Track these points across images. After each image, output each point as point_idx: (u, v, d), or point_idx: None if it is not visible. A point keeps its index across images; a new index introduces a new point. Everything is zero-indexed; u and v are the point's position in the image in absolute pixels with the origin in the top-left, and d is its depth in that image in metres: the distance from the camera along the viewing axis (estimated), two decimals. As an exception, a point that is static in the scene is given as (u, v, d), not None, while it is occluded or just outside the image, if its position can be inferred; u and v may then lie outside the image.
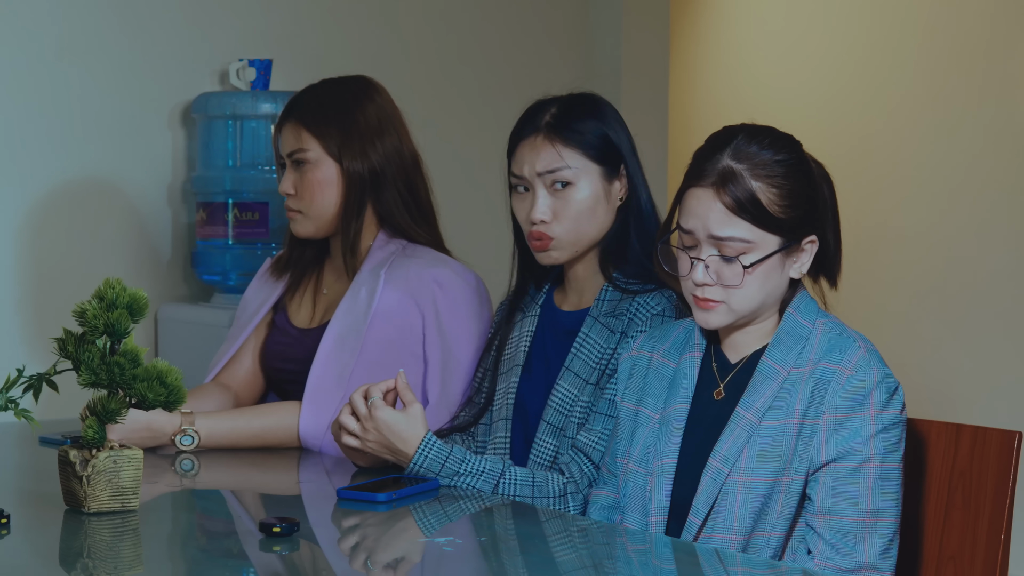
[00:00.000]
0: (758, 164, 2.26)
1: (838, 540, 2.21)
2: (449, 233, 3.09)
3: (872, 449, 2.21)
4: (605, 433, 2.54)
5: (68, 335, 2.22)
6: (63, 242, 3.76)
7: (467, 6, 4.40)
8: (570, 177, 2.63)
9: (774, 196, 2.25)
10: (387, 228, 2.98)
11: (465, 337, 2.88)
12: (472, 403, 2.80)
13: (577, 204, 2.63)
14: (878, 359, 2.25)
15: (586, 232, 2.65)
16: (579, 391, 2.61)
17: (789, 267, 2.29)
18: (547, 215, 2.63)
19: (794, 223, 2.27)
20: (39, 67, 3.72)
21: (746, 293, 2.27)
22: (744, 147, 2.27)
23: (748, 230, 2.25)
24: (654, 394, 2.39)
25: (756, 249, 2.25)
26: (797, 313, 2.30)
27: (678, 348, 2.40)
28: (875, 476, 2.21)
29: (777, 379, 2.26)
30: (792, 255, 2.29)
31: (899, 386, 2.25)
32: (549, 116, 2.66)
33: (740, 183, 2.24)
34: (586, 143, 2.63)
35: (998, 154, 4.92)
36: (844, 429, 2.21)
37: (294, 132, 2.97)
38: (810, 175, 2.30)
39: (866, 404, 2.21)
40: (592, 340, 2.62)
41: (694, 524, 2.26)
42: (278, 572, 2.06)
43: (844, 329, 2.29)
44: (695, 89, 6.18)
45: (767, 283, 2.28)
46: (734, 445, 2.25)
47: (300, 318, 3.04)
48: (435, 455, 2.49)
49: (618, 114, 2.72)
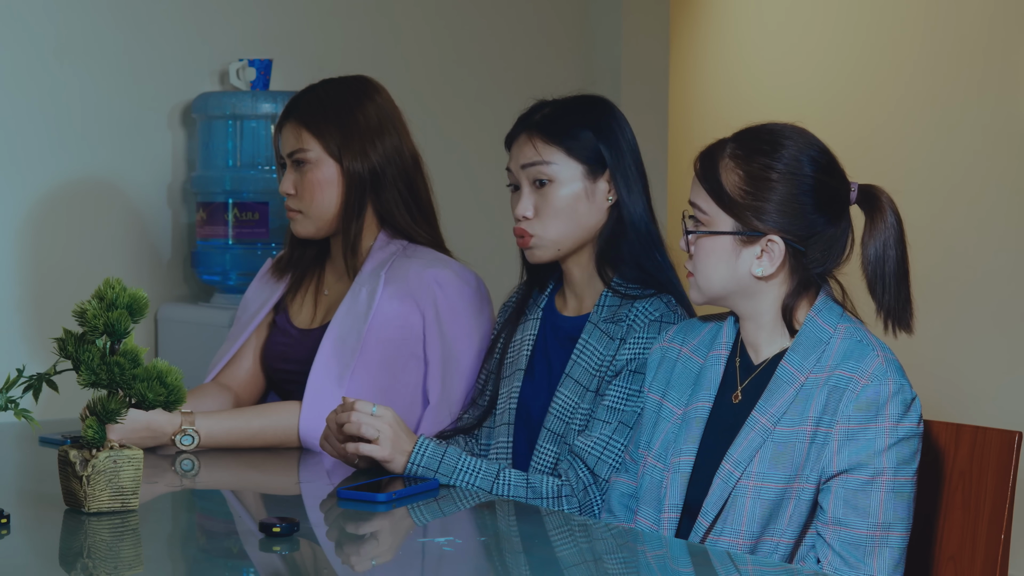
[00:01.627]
0: (745, 147, 2.28)
1: (848, 552, 2.19)
2: (449, 233, 3.09)
3: (885, 462, 2.19)
4: (602, 438, 2.54)
5: (68, 335, 2.21)
6: (63, 242, 3.76)
7: (467, 6, 4.39)
8: (550, 173, 2.63)
9: (737, 178, 2.27)
10: (388, 228, 2.98)
11: (465, 337, 2.88)
12: (476, 405, 2.80)
13: (557, 201, 2.63)
14: (896, 369, 2.22)
15: (568, 231, 2.64)
16: (579, 398, 2.60)
17: (750, 261, 2.28)
18: (529, 211, 2.64)
19: (750, 212, 2.26)
20: (39, 67, 3.71)
21: (703, 270, 2.30)
22: (758, 132, 2.30)
23: (706, 202, 2.29)
24: (679, 388, 2.38)
25: (711, 224, 2.28)
26: (819, 317, 2.28)
27: (706, 344, 2.40)
28: (888, 489, 2.19)
29: (794, 384, 2.25)
30: (750, 247, 2.28)
31: (916, 398, 2.22)
32: (540, 115, 2.67)
33: (716, 157, 2.29)
34: (568, 141, 2.63)
35: (997, 152, 4.92)
36: (857, 440, 2.19)
37: (294, 132, 2.97)
38: (803, 184, 2.26)
39: (881, 416, 2.19)
40: (592, 347, 2.62)
41: (702, 526, 2.26)
42: (278, 572, 2.06)
43: (865, 336, 2.26)
44: (695, 89, 6.18)
45: (720, 265, 2.29)
46: (747, 449, 2.25)
47: (301, 318, 3.04)
48: (430, 456, 2.50)
49: (619, 118, 2.69)
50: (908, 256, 2.30)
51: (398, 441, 2.51)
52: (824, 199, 2.28)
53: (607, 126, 2.66)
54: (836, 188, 2.30)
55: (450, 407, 2.85)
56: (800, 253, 2.28)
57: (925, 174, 5.11)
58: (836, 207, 2.30)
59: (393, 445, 2.51)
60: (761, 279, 2.29)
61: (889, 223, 2.29)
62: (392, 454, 2.51)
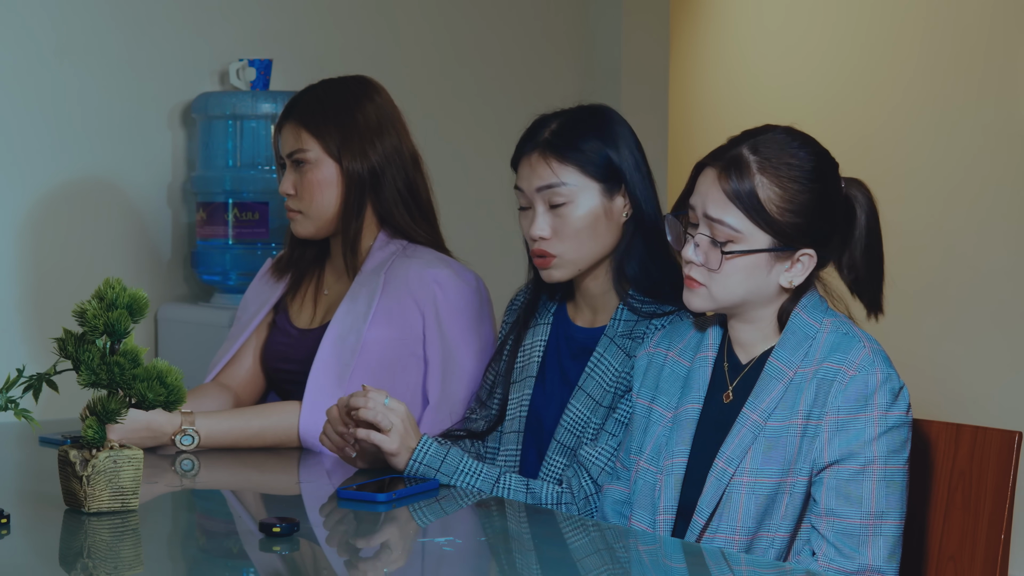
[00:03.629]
0: (773, 161, 2.25)
1: (842, 542, 2.20)
2: (449, 233, 3.09)
3: (876, 451, 2.20)
4: (607, 449, 2.53)
5: (68, 335, 2.21)
6: (63, 242, 3.76)
7: (466, 6, 4.39)
8: (567, 195, 2.57)
9: (775, 195, 2.24)
10: (387, 228, 2.98)
11: (465, 337, 2.88)
12: (484, 406, 2.77)
13: (575, 222, 2.58)
14: (883, 359, 2.23)
15: (588, 250, 2.60)
16: (591, 412, 2.59)
17: (779, 273, 2.28)
18: (546, 232, 2.59)
19: (790, 229, 2.25)
20: (39, 67, 3.71)
21: (726, 283, 2.27)
22: (770, 143, 2.27)
23: (739, 219, 2.25)
24: (667, 392, 2.38)
25: (743, 241, 2.26)
26: (804, 312, 2.29)
27: (692, 347, 2.40)
28: (879, 478, 2.20)
29: (783, 379, 2.26)
30: (783, 261, 2.28)
31: (904, 387, 2.23)
32: (548, 132, 2.60)
33: (746, 172, 2.25)
34: (584, 160, 2.58)
35: (997, 153, 4.92)
36: (847, 430, 2.20)
37: (294, 132, 2.97)
38: (827, 194, 2.27)
39: (869, 405, 2.20)
40: (607, 362, 2.59)
41: (698, 524, 2.26)
42: (278, 572, 2.07)
43: (851, 328, 2.28)
44: (695, 89, 6.18)
45: (749, 280, 2.27)
46: (739, 446, 2.25)
47: (301, 319, 3.04)
48: (431, 457, 2.50)
49: (626, 127, 2.65)
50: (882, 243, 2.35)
51: (406, 436, 2.51)
52: (843, 207, 2.30)
53: (616, 137, 2.61)
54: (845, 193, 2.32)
55: (450, 407, 2.84)
56: (825, 261, 2.29)
57: (925, 174, 5.11)
58: (848, 209, 2.31)
59: (401, 440, 2.51)
60: (787, 288, 2.29)
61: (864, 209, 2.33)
62: (399, 448, 2.51)
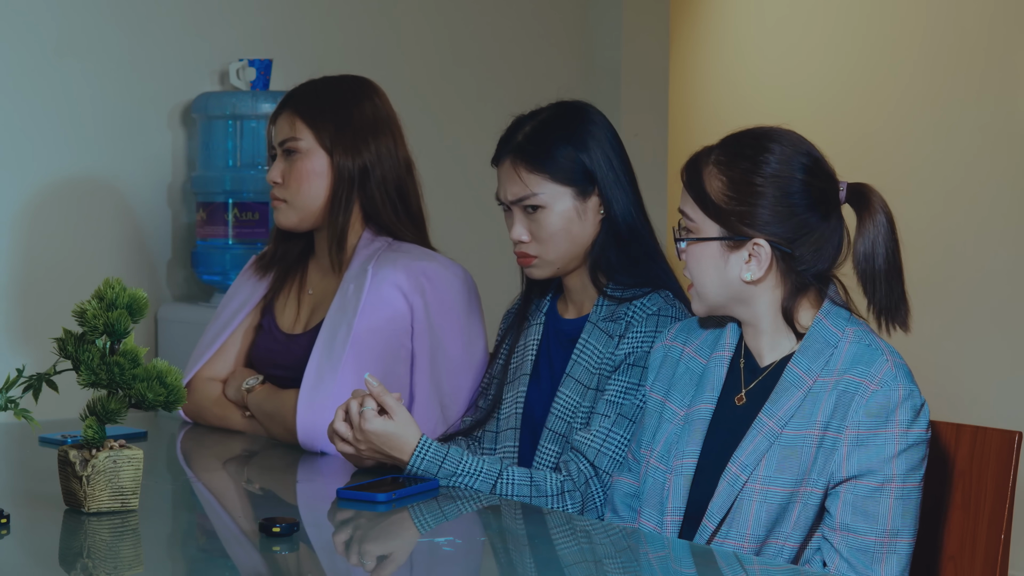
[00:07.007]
0: (728, 152, 2.28)
1: (855, 557, 2.18)
2: (448, 233, 3.09)
3: (895, 469, 2.18)
4: (601, 431, 2.54)
5: (68, 335, 2.21)
6: (63, 242, 3.76)
7: (466, 6, 4.39)
8: (539, 202, 2.62)
9: (720, 184, 2.26)
10: (372, 226, 2.96)
11: (453, 330, 2.87)
12: (477, 408, 2.80)
13: (549, 227, 2.63)
14: (905, 374, 2.21)
15: (565, 250, 2.65)
16: (581, 397, 2.61)
17: (738, 266, 2.27)
18: (524, 236, 2.64)
19: (735, 217, 2.25)
20: (39, 67, 3.72)
21: (697, 278, 2.30)
22: (739, 137, 2.29)
23: (693, 209, 2.30)
24: (681, 389, 2.38)
25: (698, 231, 2.29)
26: (827, 319, 2.27)
27: (709, 345, 2.39)
28: (896, 496, 2.18)
29: (802, 388, 2.24)
30: (737, 252, 2.27)
31: (925, 404, 2.21)
32: (522, 136, 2.64)
33: (701, 164, 2.29)
34: (554, 168, 2.62)
35: (997, 153, 4.92)
36: (867, 446, 2.18)
37: (289, 121, 2.97)
38: (785, 187, 2.25)
39: (891, 422, 2.18)
40: (592, 346, 2.62)
41: (707, 528, 2.25)
42: (278, 572, 2.06)
43: (873, 340, 2.25)
44: (695, 89, 6.18)
45: (709, 271, 2.28)
46: (754, 452, 2.24)
47: (285, 319, 3.02)
48: (432, 457, 2.50)
49: (600, 126, 2.66)
50: (900, 253, 2.28)
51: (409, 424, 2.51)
52: (810, 200, 2.27)
53: (586, 138, 2.64)
54: (822, 188, 2.28)
55: (440, 399, 2.84)
56: (788, 255, 2.27)
57: (925, 174, 5.11)
58: (823, 207, 2.28)
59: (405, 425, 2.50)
60: (751, 283, 2.28)
61: (878, 221, 2.27)
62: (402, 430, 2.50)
